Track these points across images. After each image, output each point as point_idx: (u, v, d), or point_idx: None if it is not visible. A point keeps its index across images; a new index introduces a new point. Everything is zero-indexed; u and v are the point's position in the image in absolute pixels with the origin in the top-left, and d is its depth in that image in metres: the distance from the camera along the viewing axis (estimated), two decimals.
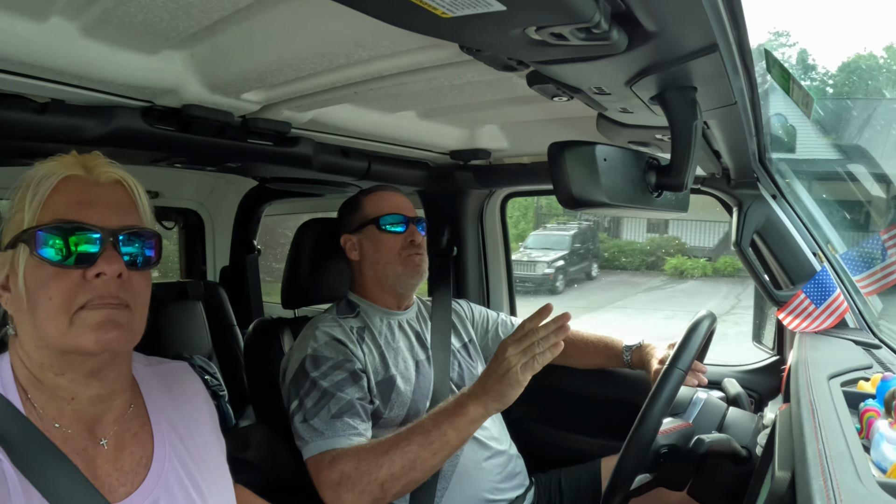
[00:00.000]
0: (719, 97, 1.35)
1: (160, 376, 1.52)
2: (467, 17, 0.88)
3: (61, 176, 1.26)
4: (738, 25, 1.11)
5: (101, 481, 1.25)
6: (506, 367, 1.82)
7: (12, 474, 1.15)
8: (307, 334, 2.28)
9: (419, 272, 2.43)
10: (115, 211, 1.28)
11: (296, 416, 2.10)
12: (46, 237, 1.20)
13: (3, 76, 1.51)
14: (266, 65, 1.59)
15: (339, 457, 1.95)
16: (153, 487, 1.32)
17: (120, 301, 1.24)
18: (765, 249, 2.43)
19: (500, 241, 3.47)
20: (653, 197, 1.46)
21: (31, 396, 1.25)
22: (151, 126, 1.90)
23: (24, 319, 1.24)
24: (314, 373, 2.14)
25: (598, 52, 1.04)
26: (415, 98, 2.00)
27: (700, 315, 1.94)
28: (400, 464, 1.88)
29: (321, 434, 2.03)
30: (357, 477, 1.90)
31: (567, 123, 2.23)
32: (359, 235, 2.45)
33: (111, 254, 1.23)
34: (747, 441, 1.80)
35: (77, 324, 1.20)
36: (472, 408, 1.88)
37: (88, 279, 1.21)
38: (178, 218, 4.55)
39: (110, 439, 1.32)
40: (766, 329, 2.73)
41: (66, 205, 1.24)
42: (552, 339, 1.83)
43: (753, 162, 2.10)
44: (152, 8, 1.30)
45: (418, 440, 1.89)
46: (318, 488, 2.00)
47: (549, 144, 1.32)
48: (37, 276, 1.21)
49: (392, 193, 2.51)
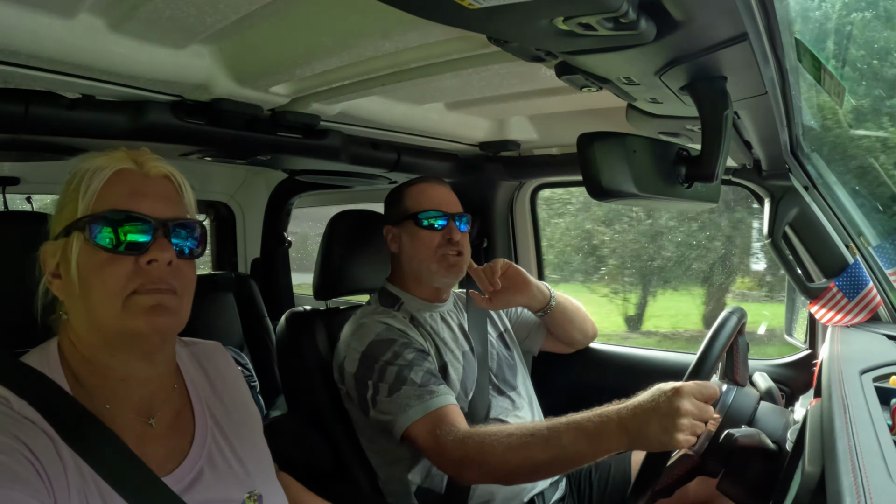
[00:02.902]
0: (750, 87, 1.33)
1: (196, 356, 1.58)
2: (494, 7, 0.87)
3: (114, 169, 1.30)
4: (768, 14, 1.10)
5: (150, 458, 1.28)
6: (675, 413, 1.59)
7: (65, 453, 1.19)
8: (362, 324, 2.28)
9: (454, 272, 2.41)
10: (164, 202, 1.33)
11: (378, 396, 2.11)
12: (101, 225, 1.25)
13: (33, 73, 1.53)
14: (293, 58, 1.60)
15: (466, 438, 1.93)
16: (197, 461, 1.37)
17: (169, 287, 1.29)
18: (797, 242, 2.40)
19: (531, 233, 3.45)
20: (683, 188, 1.44)
21: (83, 379, 1.30)
22: (181, 120, 1.92)
23: (76, 304, 1.29)
24: (385, 356, 2.15)
25: (627, 42, 1.03)
26: (443, 90, 2.00)
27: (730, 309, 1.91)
28: (527, 467, 1.82)
29: (418, 398, 2.05)
30: (481, 461, 1.87)
31: (596, 114, 2.22)
32: (399, 228, 2.44)
33: (162, 242, 1.28)
34: (778, 436, 1.78)
35: (129, 307, 1.25)
36: (614, 439, 1.68)
37: (141, 265, 1.26)
38: (209, 211, 4.57)
39: (158, 418, 1.37)
40: (798, 323, 2.70)
41: (119, 196, 1.29)
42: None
43: (785, 153, 2.07)
44: (179, 3, 1.31)
45: (552, 448, 1.77)
46: (428, 455, 2.03)
47: (579, 135, 1.31)
48: (91, 262, 1.26)
49: (434, 186, 2.48)
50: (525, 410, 2.44)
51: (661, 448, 1.63)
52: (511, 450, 1.82)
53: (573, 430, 1.75)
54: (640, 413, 1.65)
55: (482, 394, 2.35)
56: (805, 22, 1.89)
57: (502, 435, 1.87)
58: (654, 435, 1.61)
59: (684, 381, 1.67)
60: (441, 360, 2.31)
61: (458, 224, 2.42)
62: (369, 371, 2.15)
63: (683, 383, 1.64)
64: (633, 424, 1.65)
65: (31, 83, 1.65)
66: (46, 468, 1.15)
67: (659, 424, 1.60)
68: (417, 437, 2.02)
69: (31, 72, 1.52)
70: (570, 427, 1.76)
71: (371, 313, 2.34)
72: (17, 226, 1.59)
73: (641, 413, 1.65)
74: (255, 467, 1.49)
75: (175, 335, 1.41)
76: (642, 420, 1.64)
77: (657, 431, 1.60)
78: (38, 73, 1.54)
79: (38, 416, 1.20)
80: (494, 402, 2.38)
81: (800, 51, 1.71)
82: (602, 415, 1.73)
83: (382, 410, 2.10)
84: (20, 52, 1.42)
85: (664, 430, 1.59)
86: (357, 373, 2.18)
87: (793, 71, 1.53)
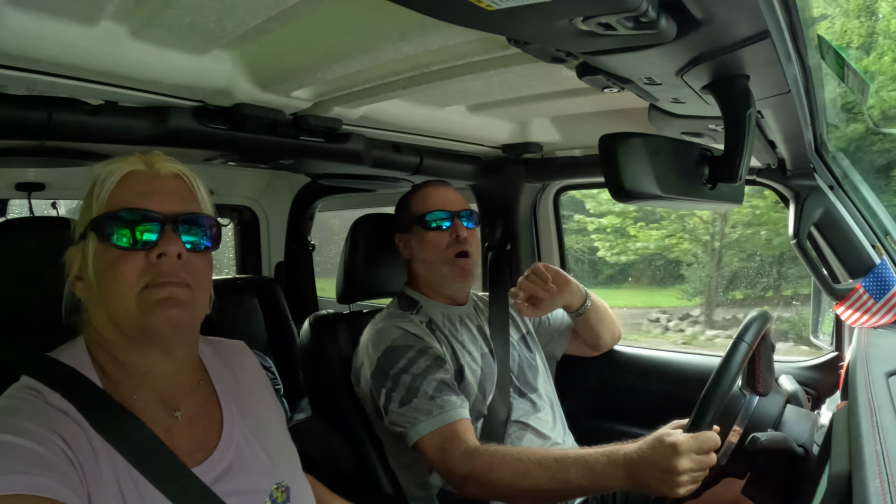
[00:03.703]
0: (773, 85, 1.32)
1: (220, 353, 1.61)
2: (512, 8, 0.87)
3: (124, 171, 1.35)
4: (790, 11, 1.09)
5: (178, 448, 1.31)
6: (673, 472, 1.66)
7: (97, 441, 1.22)
8: (381, 329, 2.30)
9: (466, 276, 2.42)
10: (174, 199, 1.36)
11: (390, 406, 2.13)
12: (112, 224, 1.29)
13: (56, 80, 1.55)
14: (314, 62, 1.60)
15: (474, 454, 1.98)
16: (226, 452, 1.40)
17: (181, 280, 1.32)
18: (822, 242, 2.38)
19: (554, 235, 3.43)
20: (706, 189, 1.43)
21: (109, 373, 1.34)
22: (204, 125, 1.93)
23: (95, 303, 1.33)
24: (399, 363, 2.17)
25: (647, 42, 1.03)
26: (464, 92, 2.01)
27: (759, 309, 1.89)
28: (529, 493, 1.88)
29: (427, 413, 2.07)
30: (486, 480, 1.93)
31: (618, 115, 2.21)
32: (408, 235, 2.46)
33: (171, 236, 1.31)
34: (804, 440, 1.76)
35: (141, 302, 1.28)
36: (618, 482, 1.77)
37: (151, 260, 1.30)
38: (232, 215, 4.59)
39: (183, 411, 1.40)
40: (824, 324, 2.67)
41: (129, 196, 1.32)
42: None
43: (810, 152, 2.05)
44: (199, 9, 1.32)
45: (556, 482, 1.84)
46: (435, 467, 2.07)
47: (601, 136, 1.31)
48: (104, 260, 1.30)
49: (437, 188, 2.49)
50: (546, 412, 2.43)
51: (673, 496, 1.70)
52: (517, 475, 1.88)
53: (580, 466, 1.82)
54: (642, 464, 1.73)
55: (503, 396, 2.35)
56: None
57: (511, 459, 1.92)
58: (655, 486, 1.70)
59: (684, 433, 1.70)
60: (458, 364, 2.31)
61: (463, 221, 2.42)
62: (384, 378, 2.17)
63: (681, 440, 1.67)
64: (637, 473, 1.74)
65: (54, 90, 1.66)
66: (80, 458, 1.18)
67: (659, 478, 1.69)
68: (426, 451, 2.06)
69: (54, 79, 1.54)
70: (578, 463, 1.82)
71: (389, 317, 2.35)
72: (43, 231, 1.61)
73: (644, 464, 1.72)
74: (281, 460, 1.52)
75: (192, 329, 1.43)
76: (644, 470, 1.72)
77: (657, 483, 1.69)
78: (61, 80, 1.55)
79: (71, 407, 1.24)
80: (515, 404, 2.38)
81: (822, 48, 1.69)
82: (611, 457, 1.79)
83: (394, 421, 2.12)
84: (43, 60, 1.43)
85: (664, 483, 1.68)
86: (373, 378, 2.20)
87: (816, 69, 1.51)
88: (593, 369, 2.96)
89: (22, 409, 1.20)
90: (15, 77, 1.51)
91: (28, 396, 1.23)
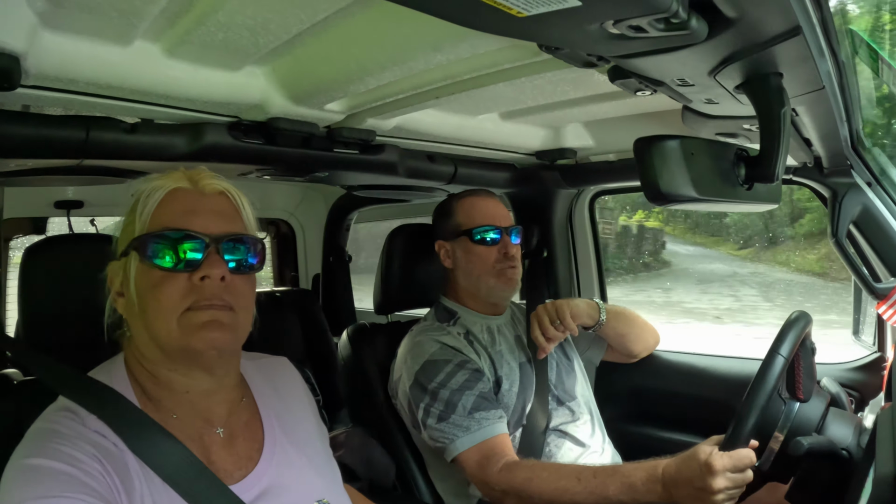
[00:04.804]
0: (806, 82, 1.30)
1: (263, 370, 1.61)
2: (543, 14, 0.87)
3: (168, 188, 1.34)
4: (821, 6, 1.08)
5: (217, 466, 1.32)
6: (708, 490, 1.67)
7: (133, 462, 1.22)
8: (418, 342, 2.31)
9: (512, 285, 2.43)
10: (219, 219, 1.36)
11: (428, 420, 2.14)
12: (154, 244, 1.29)
13: (93, 100, 1.57)
14: (346, 75, 1.61)
15: (514, 468, 1.99)
16: (266, 470, 1.40)
17: (224, 303, 1.31)
18: (862, 240, 2.34)
19: (591, 241, 3.41)
20: (743, 189, 1.41)
21: (149, 390, 1.34)
22: (238, 140, 1.95)
23: (136, 321, 1.33)
24: (438, 377, 2.17)
25: (679, 43, 1.02)
26: (496, 100, 2.00)
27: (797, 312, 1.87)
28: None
29: (465, 429, 2.08)
30: (526, 496, 1.94)
31: (652, 118, 2.19)
32: (452, 244, 2.46)
33: (215, 258, 1.31)
34: (847, 443, 1.73)
35: (184, 324, 1.28)
36: (657, 498, 1.79)
37: (194, 282, 1.29)
38: (269, 228, 4.63)
39: (224, 428, 1.40)
40: (866, 324, 2.63)
41: (173, 214, 1.32)
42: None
43: (846, 149, 2.03)
44: (232, 26, 1.34)
45: (595, 497, 1.85)
46: (474, 482, 2.08)
47: (635, 140, 1.30)
48: (146, 280, 1.30)
49: (485, 200, 2.50)
50: (585, 420, 2.41)
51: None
52: (557, 492, 1.89)
53: (619, 482, 1.84)
54: (680, 481, 1.75)
55: (541, 405, 2.34)
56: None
57: (549, 475, 1.93)
58: (690, 500, 1.72)
59: (719, 450, 1.69)
60: (496, 374, 2.30)
61: (510, 237, 2.43)
62: (422, 393, 2.17)
63: (716, 459, 1.67)
64: (675, 490, 1.76)
65: (91, 109, 1.68)
66: (118, 480, 1.18)
67: (695, 496, 1.71)
68: (465, 466, 2.07)
69: (90, 98, 1.56)
70: (617, 478, 1.84)
71: (426, 330, 2.36)
72: (83, 248, 1.64)
73: (681, 481, 1.74)
74: (323, 477, 1.51)
75: (235, 349, 1.43)
76: (682, 488, 1.74)
77: (693, 501, 1.72)
78: (97, 100, 1.58)
79: (107, 428, 1.23)
80: (554, 412, 2.36)
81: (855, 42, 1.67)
82: (650, 472, 1.81)
83: (432, 436, 2.13)
84: (80, 80, 1.45)
85: (700, 500, 1.70)
86: (411, 392, 2.21)
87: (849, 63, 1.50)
88: (632, 374, 2.93)
89: (59, 433, 1.21)
90: (52, 97, 1.53)
91: (65, 420, 1.24)
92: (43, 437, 1.20)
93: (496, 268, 2.38)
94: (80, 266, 1.46)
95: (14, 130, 1.66)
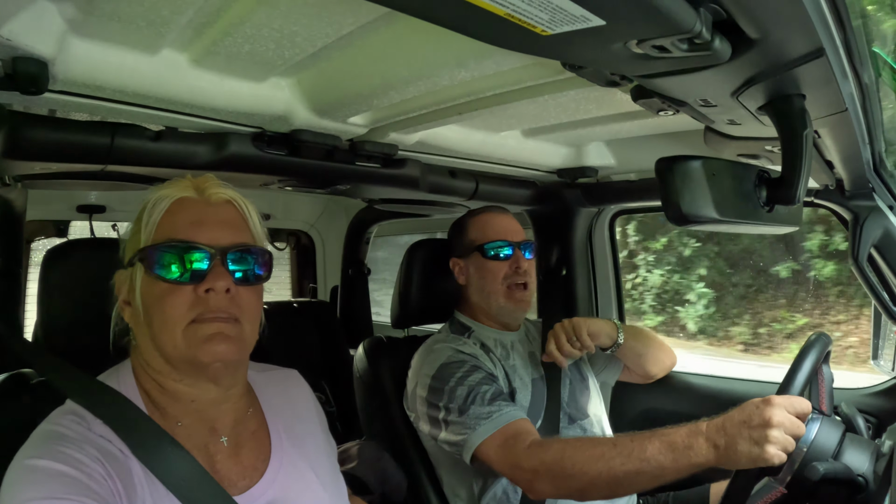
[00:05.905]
0: (829, 104, 1.30)
1: (272, 381, 1.60)
2: (567, 33, 0.88)
3: (174, 198, 1.34)
4: (845, 28, 1.07)
5: (221, 475, 1.32)
6: (766, 424, 1.56)
7: (137, 468, 1.22)
8: (433, 350, 2.31)
9: (523, 307, 2.43)
10: (225, 229, 1.35)
11: (449, 417, 2.12)
12: (160, 255, 1.28)
13: (119, 106, 1.58)
14: (370, 89, 1.62)
15: (543, 445, 1.93)
16: (273, 480, 1.39)
17: (229, 315, 1.30)
18: (882, 264, 2.33)
19: (610, 261, 3.40)
20: (764, 211, 1.41)
21: (154, 398, 1.34)
22: (262, 151, 1.96)
23: (142, 331, 1.33)
24: (455, 376, 2.16)
25: (702, 63, 1.02)
26: (519, 117, 2.01)
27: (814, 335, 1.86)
28: (606, 479, 1.76)
29: (486, 417, 2.05)
30: (559, 469, 1.84)
31: (674, 138, 2.19)
32: (465, 261, 2.47)
33: (220, 270, 1.30)
34: (864, 469, 1.72)
35: (189, 336, 1.27)
36: (702, 453, 1.65)
37: (199, 294, 1.28)
38: (289, 239, 4.65)
39: (230, 437, 1.39)
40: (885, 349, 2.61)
41: (178, 225, 1.31)
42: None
43: (868, 171, 2.02)
44: (258, 38, 1.35)
45: (634, 461, 1.73)
46: (501, 468, 2.01)
47: (657, 160, 1.30)
48: (152, 291, 1.29)
49: (497, 216, 2.50)
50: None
51: (751, 463, 1.58)
52: (591, 460, 1.78)
53: (657, 441, 1.72)
54: (729, 427, 1.62)
55: (551, 423, 2.33)
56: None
57: (582, 444, 1.85)
58: (744, 448, 1.58)
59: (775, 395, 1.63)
60: (510, 387, 2.30)
61: (523, 252, 2.42)
62: (439, 394, 2.15)
63: (773, 397, 1.60)
64: (722, 439, 1.62)
65: (116, 116, 1.70)
66: (121, 486, 1.19)
67: (749, 437, 1.57)
68: (489, 454, 2.01)
69: (116, 105, 1.57)
70: (655, 438, 1.73)
71: (441, 340, 2.36)
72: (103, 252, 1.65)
73: (731, 426, 1.62)
74: (329, 491, 1.50)
75: (241, 360, 1.42)
76: (732, 434, 1.61)
77: (747, 444, 1.57)
78: (123, 107, 1.59)
79: (113, 434, 1.24)
80: (564, 432, 2.35)
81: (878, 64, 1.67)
82: (690, 427, 1.70)
83: (454, 431, 2.09)
84: (106, 87, 1.46)
85: (755, 442, 1.56)
86: (428, 396, 2.19)
87: (872, 86, 1.49)
88: (647, 394, 2.92)
89: (64, 435, 1.21)
90: (79, 103, 1.55)
91: (70, 423, 1.24)
92: (47, 438, 1.21)
93: (506, 284, 2.39)
94: (100, 270, 1.46)
95: (40, 134, 1.68)
